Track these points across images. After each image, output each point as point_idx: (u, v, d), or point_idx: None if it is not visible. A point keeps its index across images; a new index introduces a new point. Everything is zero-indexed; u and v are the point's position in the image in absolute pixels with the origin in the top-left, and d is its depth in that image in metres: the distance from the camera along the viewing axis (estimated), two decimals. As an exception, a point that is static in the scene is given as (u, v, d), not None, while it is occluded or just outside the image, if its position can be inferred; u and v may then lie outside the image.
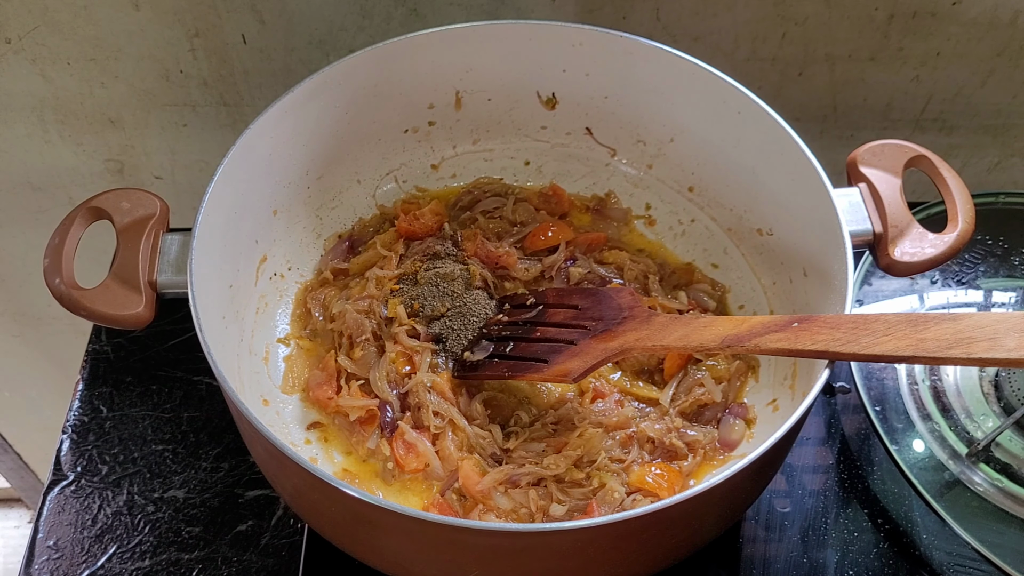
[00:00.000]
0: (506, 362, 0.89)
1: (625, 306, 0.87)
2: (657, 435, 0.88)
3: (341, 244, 1.03)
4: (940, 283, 1.07)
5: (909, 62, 1.14)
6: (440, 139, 1.07)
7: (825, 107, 1.20)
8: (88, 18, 1.06)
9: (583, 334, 0.87)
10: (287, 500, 0.85)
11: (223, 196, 0.85)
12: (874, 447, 0.99)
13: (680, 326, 0.83)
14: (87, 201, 0.83)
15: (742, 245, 1.02)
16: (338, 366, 0.93)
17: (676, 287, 1.01)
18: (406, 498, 0.87)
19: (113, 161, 1.23)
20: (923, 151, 0.87)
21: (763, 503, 0.95)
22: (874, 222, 0.84)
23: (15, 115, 1.16)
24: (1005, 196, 1.08)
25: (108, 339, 1.08)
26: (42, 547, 0.93)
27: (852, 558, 0.91)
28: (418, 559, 0.76)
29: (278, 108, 0.90)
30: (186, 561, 0.92)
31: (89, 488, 0.97)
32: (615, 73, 0.99)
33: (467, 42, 0.97)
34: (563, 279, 1.00)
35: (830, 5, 1.08)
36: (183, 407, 1.02)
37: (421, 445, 0.87)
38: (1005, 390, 0.96)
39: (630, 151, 1.06)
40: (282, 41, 1.09)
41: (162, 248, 0.82)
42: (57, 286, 0.79)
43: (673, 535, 0.75)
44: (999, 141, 1.25)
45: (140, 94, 1.15)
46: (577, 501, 0.85)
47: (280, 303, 0.99)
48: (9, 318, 1.48)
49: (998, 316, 0.70)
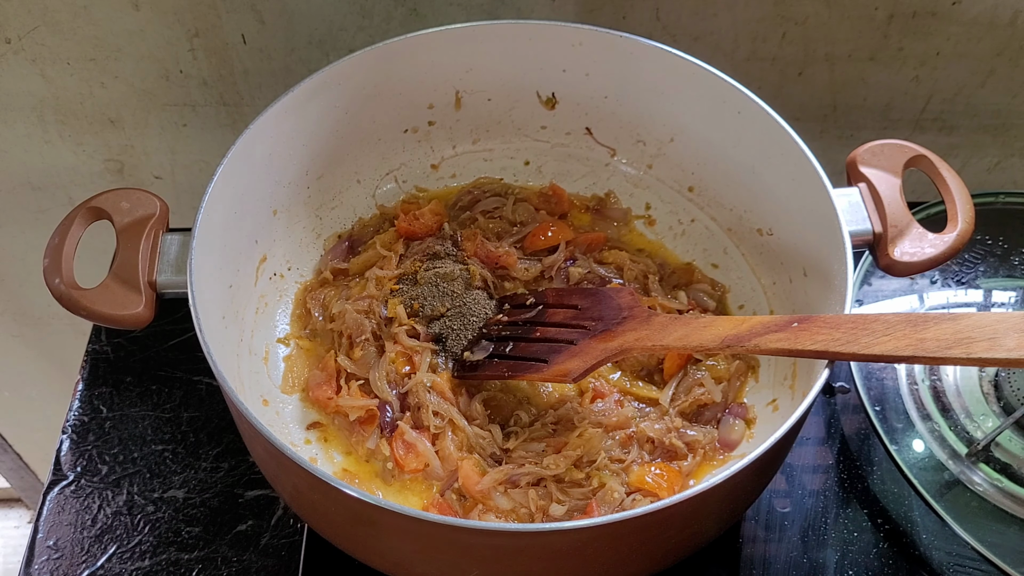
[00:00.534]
0: (506, 362, 0.89)
1: (625, 306, 0.87)
2: (657, 435, 0.88)
3: (341, 244, 1.03)
4: (940, 283, 1.07)
5: (909, 62, 1.14)
6: (440, 139, 1.07)
7: (825, 107, 1.20)
8: (88, 18, 1.06)
9: (583, 334, 0.87)
10: (287, 500, 0.85)
11: (223, 196, 0.85)
12: (874, 447, 0.99)
13: (680, 326, 0.83)
14: (87, 201, 0.83)
15: (742, 245, 1.02)
16: (338, 366, 0.93)
17: (676, 287, 1.01)
18: (406, 498, 0.87)
19: (113, 161, 1.23)
20: (923, 151, 0.87)
21: (763, 503, 0.95)
22: (874, 222, 0.84)
23: (15, 115, 1.16)
24: (1005, 196, 1.08)
25: (108, 339, 1.08)
26: (42, 547, 0.93)
27: (852, 558, 0.91)
28: (418, 559, 0.76)
29: (278, 108, 0.90)
30: (186, 561, 0.92)
31: (89, 488, 0.97)
32: (615, 73, 0.99)
33: (467, 42, 0.97)
34: (563, 279, 1.00)
35: (830, 5, 1.08)
36: (183, 407, 1.02)
37: (421, 445, 0.87)
38: (1005, 390, 0.96)
39: (630, 151, 1.06)
40: (282, 41, 1.09)
41: (162, 248, 0.82)
42: (57, 286, 0.79)
43: (673, 535, 0.75)
44: (999, 141, 1.25)
45: (140, 94, 1.15)
46: (577, 501, 0.85)
47: (280, 303, 0.99)
48: (9, 318, 1.48)
49: (998, 316, 0.70)
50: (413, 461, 0.87)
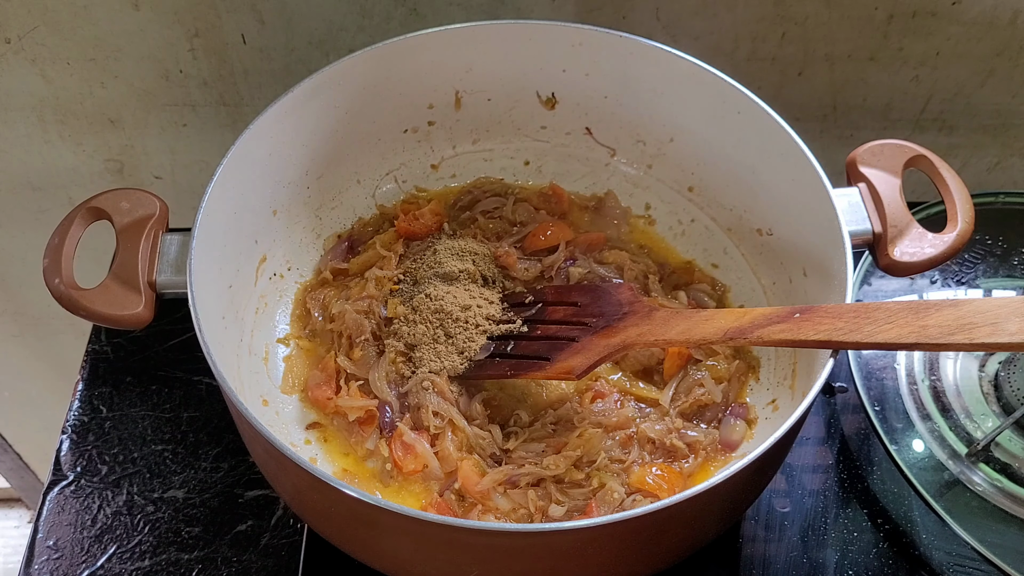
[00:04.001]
0: (508, 361, 0.89)
1: (625, 302, 0.87)
2: (658, 436, 0.88)
3: (341, 244, 1.03)
4: (940, 283, 1.07)
5: (909, 62, 1.14)
6: (440, 139, 1.07)
7: (825, 107, 1.20)
8: (88, 18, 1.06)
9: (584, 331, 0.87)
10: (287, 500, 0.85)
11: (223, 196, 0.85)
12: (874, 447, 0.99)
13: (682, 320, 0.82)
14: (87, 201, 0.83)
15: (742, 245, 1.02)
16: (338, 366, 0.93)
17: (676, 287, 1.00)
18: (404, 499, 0.86)
19: (113, 161, 1.23)
20: (923, 151, 0.87)
21: (763, 503, 0.95)
22: (874, 222, 0.84)
23: (15, 115, 1.16)
24: (1005, 196, 1.08)
25: (108, 339, 1.08)
26: (42, 547, 0.93)
27: (852, 558, 0.91)
28: (418, 559, 0.76)
29: (278, 108, 0.90)
30: (186, 561, 0.92)
31: (89, 488, 0.97)
32: (615, 73, 0.99)
33: (467, 42, 0.97)
34: (563, 279, 1.00)
35: (830, 5, 1.08)
36: (183, 407, 1.02)
37: (419, 446, 0.87)
38: (1005, 390, 0.96)
39: (630, 151, 1.06)
40: (282, 41, 1.09)
41: (162, 248, 0.82)
42: (57, 286, 0.79)
43: (673, 535, 0.75)
44: (999, 141, 1.25)
45: (140, 94, 1.15)
46: (576, 502, 0.84)
47: (280, 303, 0.99)
48: (9, 318, 1.48)
49: (999, 301, 0.71)
50: (411, 462, 0.87)
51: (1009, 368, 0.97)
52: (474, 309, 0.93)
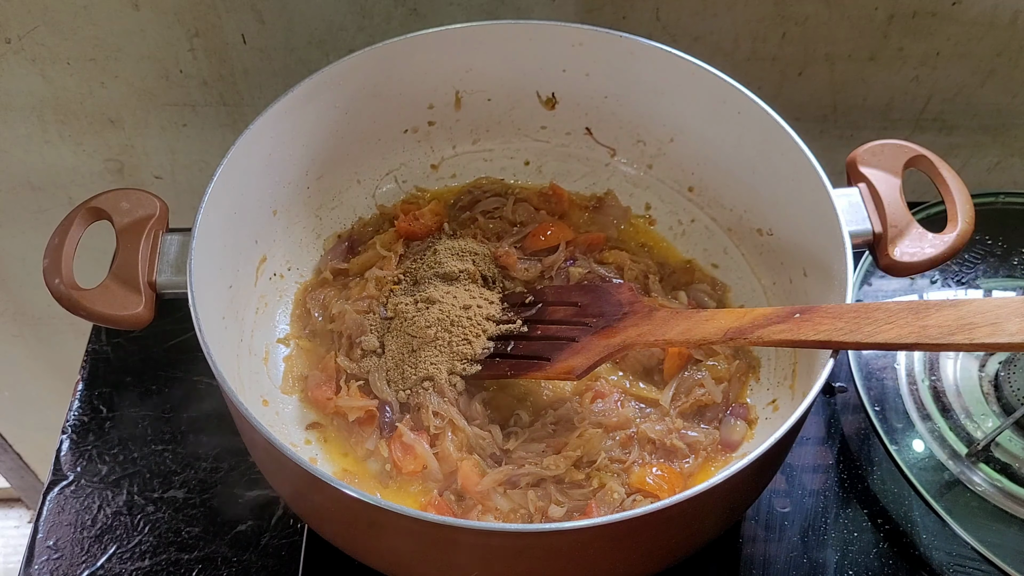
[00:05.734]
0: (508, 361, 0.89)
1: (625, 301, 0.87)
2: (658, 436, 0.88)
3: (341, 244, 1.03)
4: (940, 283, 1.07)
5: (909, 62, 1.14)
6: (440, 139, 1.07)
7: (825, 107, 1.20)
8: (88, 18, 1.06)
9: (584, 331, 0.87)
10: (287, 500, 0.85)
11: (223, 196, 0.85)
12: (874, 447, 0.99)
13: (682, 320, 0.82)
14: (87, 201, 0.83)
15: (742, 245, 1.02)
16: (338, 366, 0.93)
17: (676, 287, 1.00)
18: (404, 499, 0.86)
19: (113, 161, 1.23)
20: (923, 151, 0.87)
21: (763, 503, 0.95)
22: (874, 222, 0.84)
23: (15, 115, 1.16)
24: (1005, 196, 1.08)
25: (108, 339, 1.08)
26: (42, 547, 0.93)
27: (852, 558, 0.91)
28: (417, 559, 0.76)
29: (278, 108, 0.90)
30: (186, 561, 0.92)
31: (89, 488, 0.97)
32: (615, 73, 0.99)
33: (467, 42, 0.97)
34: (563, 279, 1.00)
35: (830, 5, 1.08)
36: (183, 407, 1.02)
37: (419, 447, 0.86)
38: (1005, 390, 0.96)
39: (630, 151, 1.06)
40: (282, 41, 1.09)
41: (162, 248, 0.82)
42: (57, 286, 0.79)
43: (673, 535, 0.75)
44: (999, 141, 1.25)
45: (140, 94, 1.15)
46: (576, 502, 0.84)
47: (280, 303, 0.99)
48: (9, 318, 1.48)
49: (999, 301, 0.71)
50: (411, 463, 0.86)
51: (1009, 368, 0.97)
52: (474, 309, 0.93)
